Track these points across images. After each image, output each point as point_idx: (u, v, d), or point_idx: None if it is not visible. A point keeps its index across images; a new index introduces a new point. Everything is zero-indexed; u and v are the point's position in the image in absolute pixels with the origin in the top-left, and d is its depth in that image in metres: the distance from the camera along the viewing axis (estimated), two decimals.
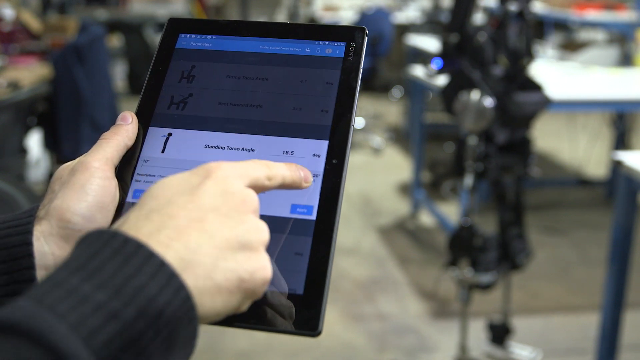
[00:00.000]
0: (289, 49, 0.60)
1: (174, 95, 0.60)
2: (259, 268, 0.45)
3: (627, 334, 2.84)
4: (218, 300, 0.43)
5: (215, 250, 0.44)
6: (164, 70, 0.61)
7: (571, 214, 4.35)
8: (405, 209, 4.33)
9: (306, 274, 0.50)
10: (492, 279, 2.32)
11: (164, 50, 0.62)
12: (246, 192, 0.47)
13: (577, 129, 5.46)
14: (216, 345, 2.75)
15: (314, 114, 0.57)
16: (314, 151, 0.55)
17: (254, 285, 0.45)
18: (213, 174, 0.46)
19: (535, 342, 2.80)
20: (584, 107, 3.44)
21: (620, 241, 2.12)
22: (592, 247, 3.80)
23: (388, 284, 3.30)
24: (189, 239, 0.43)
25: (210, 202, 0.45)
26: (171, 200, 0.45)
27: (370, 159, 5.49)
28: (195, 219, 0.44)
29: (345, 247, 3.73)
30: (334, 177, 0.54)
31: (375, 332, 2.88)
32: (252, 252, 0.45)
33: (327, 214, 0.52)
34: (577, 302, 3.17)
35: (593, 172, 5.11)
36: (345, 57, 0.59)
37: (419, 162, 4.16)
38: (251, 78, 0.59)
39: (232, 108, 0.58)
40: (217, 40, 0.62)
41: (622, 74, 3.81)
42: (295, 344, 2.76)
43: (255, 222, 0.46)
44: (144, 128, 0.58)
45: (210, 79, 0.60)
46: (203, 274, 0.43)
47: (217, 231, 0.44)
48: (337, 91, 0.57)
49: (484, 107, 2.16)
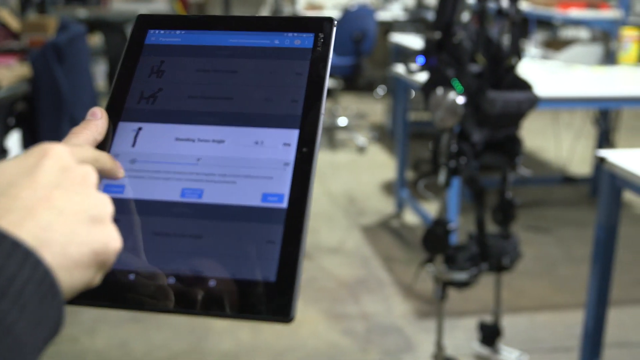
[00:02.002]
0: (258, 41, 0.61)
1: (143, 90, 0.60)
2: (110, 239, 0.46)
3: (611, 331, 2.84)
4: (76, 275, 0.44)
5: (67, 226, 0.44)
6: (133, 66, 0.62)
7: (556, 211, 4.35)
8: (389, 207, 4.32)
9: (278, 261, 0.50)
10: (468, 277, 2.31)
11: (133, 46, 0.63)
12: (84, 168, 0.48)
13: (561, 127, 5.47)
14: (200, 346, 2.72)
15: (284, 104, 0.58)
16: (284, 140, 0.56)
17: (107, 257, 0.46)
18: (48, 153, 0.47)
19: (520, 341, 2.79)
20: (568, 105, 3.44)
21: (604, 239, 2.11)
22: (577, 244, 3.80)
23: (372, 284, 3.29)
24: (40, 217, 0.43)
25: (53, 180, 0.46)
26: (13, 182, 0.45)
27: (354, 158, 5.47)
28: (41, 198, 0.44)
29: (329, 247, 3.71)
30: (305, 165, 0.54)
31: (359, 331, 2.86)
32: (102, 224, 0.46)
33: (298, 202, 0.53)
34: (562, 300, 3.17)
35: (577, 169, 5.12)
36: (314, 47, 0.60)
37: (403, 161, 4.15)
38: (221, 71, 0.60)
39: (202, 101, 0.59)
40: (186, 35, 0.63)
41: (606, 72, 3.81)
42: (279, 345, 2.74)
43: (99, 195, 0.48)
44: (114, 123, 0.58)
45: (179, 73, 0.61)
46: (59, 250, 0.43)
47: (66, 207, 0.45)
48: (306, 81, 0.58)
49: (455, 104, 2.16)
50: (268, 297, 0.49)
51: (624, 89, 3.40)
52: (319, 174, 4.99)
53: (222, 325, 2.85)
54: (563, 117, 5.99)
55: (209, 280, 0.50)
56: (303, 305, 3.06)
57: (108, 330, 2.81)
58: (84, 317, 2.90)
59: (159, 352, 2.68)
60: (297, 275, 0.49)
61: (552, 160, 5.43)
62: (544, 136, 5.99)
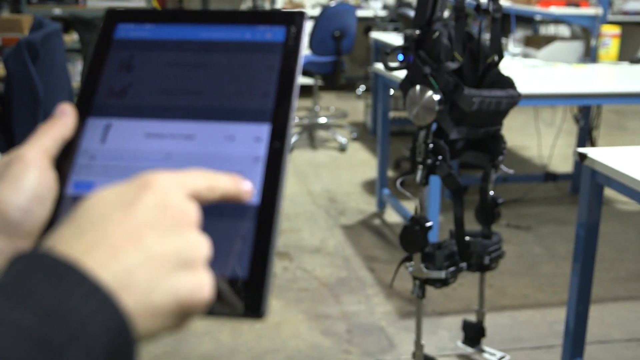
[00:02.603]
0: (228, 35, 0.61)
1: (113, 86, 0.59)
2: (198, 287, 0.43)
3: (593, 329, 2.84)
4: (157, 322, 0.42)
5: (153, 269, 0.41)
6: (103, 61, 0.61)
7: (537, 209, 4.35)
8: (371, 206, 4.29)
9: (250, 258, 0.50)
10: (447, 276, 2.29)
11: (103, 41, 0.62)
12: (185, 205, 0.44)
13: (542, 125, 5.47)
14: (180, 348, 2.68)
15: (255, 99, 0.57)
16: (255, 135, 0.55)
17: (192, 305, 0.43)
18: (150, 185, 0.44)
19: (503, 340, 2.78)
20: (548, 102, 3.44)
21: (585, 236, 2.10)
22: (559, 242, 3.80)
23: (354, 283, 3.26)
24: (125, 258, 0.41)
25: (148, 217, 0.43)
26: (105, 216, 0.42)
27: (335, 157, 5.45)
28: (131, 236, 0.42)
29: (310, 246, 3.68)
30: (276, 160, 0.54)
31: (341, 332, 2.83)
32: (192, 269, 0.43)
33: (270, 197, 0.52)
34: (544, 298, 3.16)
35: (559, 167, 5.13)
36: (286, 41, 0.60)
37: (384, 159, 4.13)
38: (191, 65, 0.60)
39: (172, 96, 0.58)
40: (156, 29, 0.62)
41: (586, 69, 3.81)
42: (260, 346, 2.70)
43: (195, 237, 0.44)
44: (84, 119, 0.58)
45: (149, 67, 0.60)
46: (140, 294, 0.41)
47: (155, 248, 0.42)
48: (277, 75, 0.58)
49: (431, 102, 2.14)
50: (240, 293, 0.49)
51: (604, 85, 3.40)
52: (300, 173, 4.96)
53: (201, 327, 2.81)
54: (544, 114, 5.99)
55: None
56: (284, 305, 3.03)
57: None
58: None
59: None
60: (268, 271, 0.49)
61: (533, 157, 5.44)
62: (525, 134, 6.00)
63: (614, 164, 1.93)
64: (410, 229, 2.25)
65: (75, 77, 5.74)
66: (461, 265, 2.34)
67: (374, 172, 4.61)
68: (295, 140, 5.77)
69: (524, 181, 4.70)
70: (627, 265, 3.53)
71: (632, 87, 3.31)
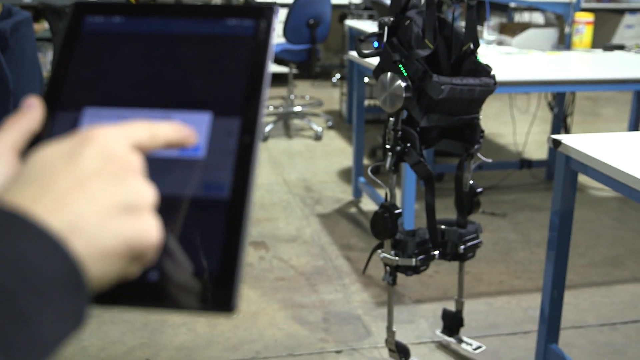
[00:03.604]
0: (198, 28, 0.60)
1: (82, 79, 0.59)
2: (146, 231, 0.45)
3: (568, 314, 2.86)
4: (107, 265, 0.43)
5: (100, 214, 0.43)
6: (71, 54, 0.60)
7: (512, 196, 4.37)
8: (347, 195, 4.29)
9: (221, 252, 0.50)
10: (417, 264, 2.29)
11: (71, 33, 0.62)
12: (128, 154, 0.46)
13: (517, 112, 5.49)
14: (156, 339, 2.66)
15: (225, 92, 0.57)
16: (226, 128, 0.55)
17: (142, 249, 0.45)
18: (93, 138, 0.45)
19: (479, 326, 2.79)
20: (523, 89, 3.44)
21: (559, 222, 2.11)
22: (534, 229, 3.82)
23: (331, 272, 3.26)
24: (73, 204, 0.42)
25: (92, 166, 0.44)
26: (51, 167, 0.44)
27: (310, 146, 5.43)
28: (77, 184, 0.43)
29: (286, 236, 3.67)
30: (247, 153, 0.54)
31: (317, 321, 2.83)
32: (139, 214, 0.45)
33: (241, 191, 0.52)
34: (519, 284, 3.18)
35: (534, 154, 5.16)
36: (255, 34, 0.60)
37: (360, 148, 4.12)
38: (161, 59, 0.59)
39: (141, 90, 0.58)
40: (125, 22, 0.62)
41: (560, 56, 3.83)
42: (237, 336, 2.69)
43: (139, 184, 0.46)
44: (53, 112, 0.57)
45: (118, 61, 0.60)
46: (90, 238, 0.42)
47: (101, 194, 0.43)
48: (248, 68, 0.58)
49: (398, 88, 2.14)
50: (210, 288, 0.49)
51: (577, 72, 3.42)
52: (275, 162, 4.94)
53: (177, 319, 2.80)
54: (519, 102, 6.02)
55: (151, 272, 0.49)
56: (260, 295, 3.02)
57: None
58: None
59: (114, 347, 2.61)
60: (239, 266, 0.49)
61: (509, 145, 5.46)
62: (500, 121, 6.03)
63: (588, 151, 1.94)
64: (380, 215, 2.26)
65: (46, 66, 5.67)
66: (433, 253, 2.35)
67: (350, 161, 4.61)
68: (270, 129, 5.75)
69: (499, 168, 4.72)
70: (601, 251, 3.56)
71: (606, 73, 3.33)
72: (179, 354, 2.59)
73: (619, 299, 3.07)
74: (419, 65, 2.14)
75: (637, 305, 3.01)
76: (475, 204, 2.45)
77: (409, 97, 2.14)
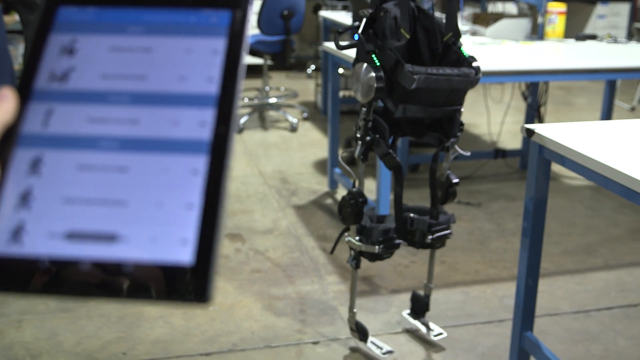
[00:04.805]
0: (173, 18, 0.60)
1: (55, 70, 0.58)
2: None
3: (542, 302, 2.89)
4: None
5: None
6: (44, 45, 0.60)
7: (487, 186, 4.40)
8: (322, 186, 4.29)
9: (196, 243, 0.50)
10: (380, 251, 2.33)
11: (44, 24, 0.61)
12: None
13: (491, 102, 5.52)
14: (132, 333, 2.65)
15: (200, 83, 0.57)
16: (200, 119, 0.55)
17: None
18: None
19: (455, 315, 2.81)
20: (497, 79, 3.46)
21: (533, 211, 2.12)
22: (508, 218, 3.85)
23: (307, 264, 3.26)
24: None
25: None
26: None
27: (286, 137, 5.42)
28: None
29: (262, 227, 3.66)
30: (221, 144, 0.54)
31: (294, 312, 2.83)
32: None
33: (216, 182, 0.52)
34: (494, 273, 3.20)
35: (508, 144, 5.19)
36: (230, 24, 0.59)
37: (335, 139, 4.12)
38: (135, 49, 0.59)
39: (116, 80, 0.58)
40: (98, 12, 0.61)
41: (533, 46, 3.85)
42: (213, 329, 2.69)
43: None
44: (25, 104, 0.57)
45: (92, 51, 0.59)
46: None
47: None
48: (222, 59, 0.58)
49: (370, 79, 2.14)
50: (185, 280, 0.49)
51: (551, 62, 3.44)
52: (251, 153, 4.93)
53: (154, 311, 2.78)
54: (493, 92, 6.05)
55: (126, 264, 0.49)
56: (237, 287, 3.01)
57: (36, 322, 2.71)
58: (9, 309, 2.79)
59: (89, 341, 2.59)
60: (214, 256, 0.49)
61: (483, 135, 5.49)
62: (475, 111, 6.06)
63: (562, 140, 1.95)
64: (347, 202, 2.30)
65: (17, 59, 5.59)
66: (397, 242, 2.37)
67: (326, 152, 4.61)
68: (245, 120, 5.72)
69: (474, 158, 4.74)
70: (575, 239, 3.59)
71: (578, 63, 3.35)
72: (155, 347, 2.57)
73: (593, 286, 3.10)
74: (392, 55, 2.14)
75: (610, 293, 3.05)
76: (451, 194, 2.46)
77: (381, 87, 2.14)
